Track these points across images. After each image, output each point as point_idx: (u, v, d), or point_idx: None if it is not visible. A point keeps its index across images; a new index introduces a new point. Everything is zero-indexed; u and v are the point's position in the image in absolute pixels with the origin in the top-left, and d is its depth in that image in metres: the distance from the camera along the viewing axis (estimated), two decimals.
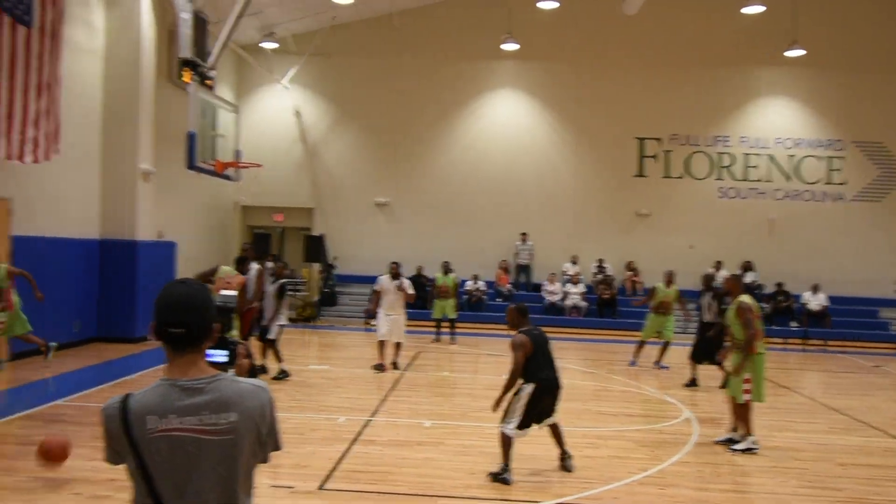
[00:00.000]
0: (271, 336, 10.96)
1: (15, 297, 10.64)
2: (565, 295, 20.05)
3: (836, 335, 18.92)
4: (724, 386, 9.22)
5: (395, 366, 12.24)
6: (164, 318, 2.15)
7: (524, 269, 21.06)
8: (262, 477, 2.34)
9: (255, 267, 10.62)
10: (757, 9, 17.58)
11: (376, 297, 12.19)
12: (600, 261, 20.59)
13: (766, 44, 20.26)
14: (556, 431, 7.00)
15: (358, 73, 21.38)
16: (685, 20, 20.84)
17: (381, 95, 21.33)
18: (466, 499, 5.98)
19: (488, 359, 14.53)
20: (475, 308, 19.74)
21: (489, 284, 20.48)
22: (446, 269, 16.66)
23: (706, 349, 11.62)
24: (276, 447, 2.30)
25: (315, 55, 20.69)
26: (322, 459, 6.76)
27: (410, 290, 12.13)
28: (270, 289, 11.08)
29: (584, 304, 19.83)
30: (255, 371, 9.93)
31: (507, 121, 21.47)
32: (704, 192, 21.12)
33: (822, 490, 6.65)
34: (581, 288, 20.06)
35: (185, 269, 16.47)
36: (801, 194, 20.89)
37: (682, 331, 15.22)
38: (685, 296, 19.44)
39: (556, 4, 18.48)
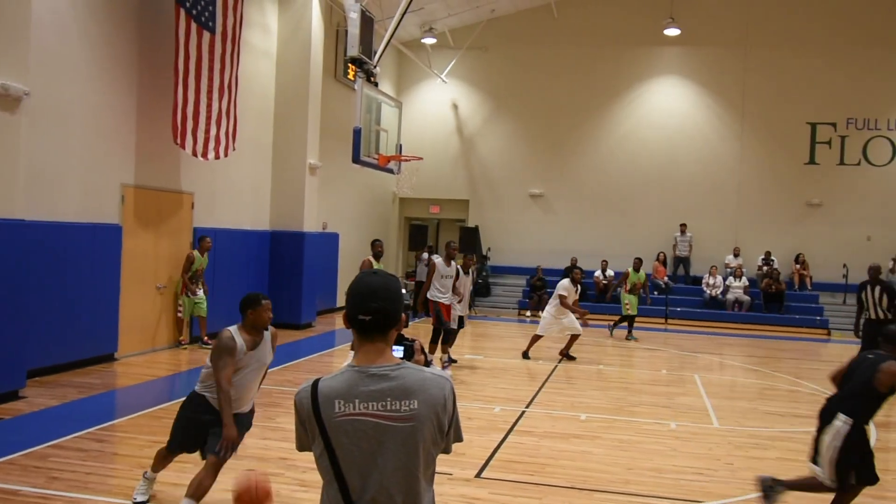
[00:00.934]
0: (457, 326, 11.24)
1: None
2: (727, 288, 19.23)
3: None
4: None
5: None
6: (356, 306, 2.22)
7: (683, 261, 20.40)
8: None
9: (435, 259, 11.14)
10: None
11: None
12: (767, 253, 19.58)
13: None
14: None
15: (514, 65, 21.48)
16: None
17: (537, 87, 21.33)
18: (625, 494, 5.94)
19: (644, 353, 14.25)
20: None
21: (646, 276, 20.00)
22: (637, 266, 15.75)
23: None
24: (458, 438, 2.34)
25: (472, 48, 20.99)
26: (479, 448, 6.92)
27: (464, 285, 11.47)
28: (467, 281, 11.38)
29: (746, 298, 18.94)
30: (429, 364, 10.31)
31: (667, 108, 20.82)
32: (884, 180, 19.53)
33: None
34: (744, 281, 19.18)
35: (346, 259, 17.27)
36: None
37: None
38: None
39: None
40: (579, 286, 12.34)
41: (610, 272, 19.64)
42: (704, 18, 20.05)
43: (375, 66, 11.68)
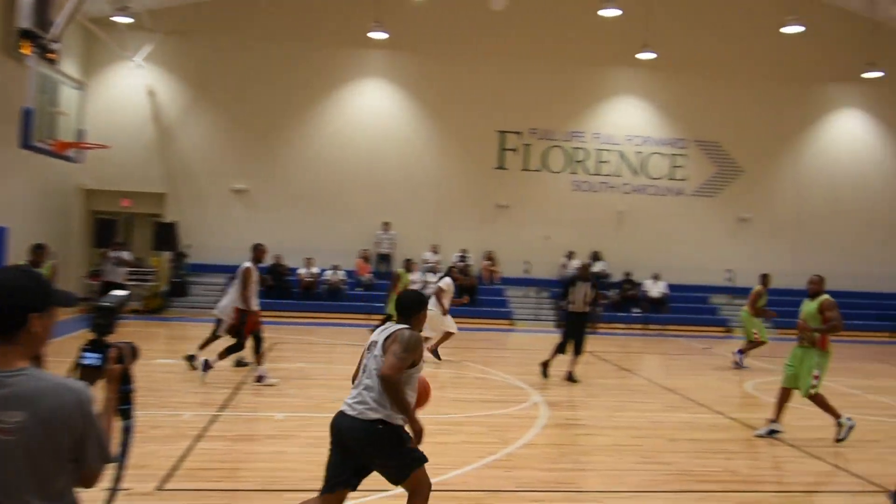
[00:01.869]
0: None
1: None
2: (425, 284, 20.25)
3: (674, 320, 20.28)
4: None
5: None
6: None
7: (385, 258, 21.11)
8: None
9: None
10: (613, 12, 18.38)
11: None
12: (463, 251, 20.96)
13: (620, 46, 21.26)
14: None
15: (218, 54, 20.62)
16: (548, 19, 21.58)
17: (242, 79, 20.70)
18: (315, 491, 5.92)
19: (345, 349, 14.47)
20: (334, 298, 19.59)
21: (349, 274, 20.39)
22: (408, 267, 15.76)
23: (580, 340, 11.51)
24: (103, 458, 2.13)
25: (172, 33, 19.80)
26: (163, 458, 6.47)
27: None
28: None
29: None
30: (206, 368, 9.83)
31: (372, 110, 21.40)
32: (560, 185, 21.96)
33: (654, 464, 7.10)
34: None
35: (19, 256, 15.31)
36: (646, 188, 22.16)
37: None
38: (544, 285, 20.27)
39: None
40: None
41: (341, 272, 19.78)
42: (410, 25, 20.91)
43: (53, 42, 10.51)
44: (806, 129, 22.76)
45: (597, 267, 20.91)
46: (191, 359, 10.75)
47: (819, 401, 8.17)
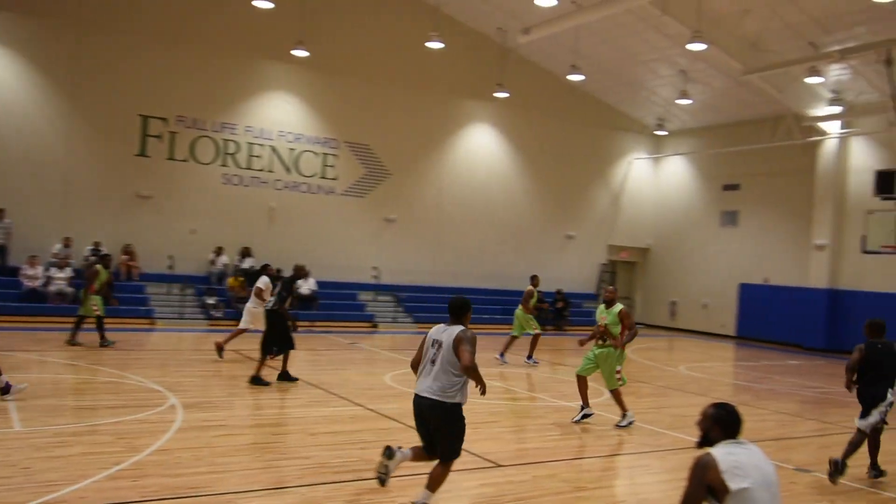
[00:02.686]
0: None
1: None
2: (48, 280, 18.05)
3: (323, 317, 20.66)
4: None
5: None
6: None
7: (0, 249, 18.37)
8: None
9: None
10: (266, 4, 18.06)
11: None
12: (96, 244, 18.99)
13: (275, 40, 21.01)
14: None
15: None
16: (202, 4, 20.56)
17: None
18: None
19: None
20: None
21: None
22: (107, 263, 14.18)
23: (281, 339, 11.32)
24: None
25: None
26: None
27: None
28: None
29: (70, 289, 18.02)
30: None
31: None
32: (209, 178, 21.06)
33: (293, 459, 7.06)
34: (69, 273, 18.25)
35: None
36: (298, 186, 22.25)
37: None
38: (190, 281, 19.33)
39: None
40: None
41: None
42: None
43: None
44: (447, 138, 24.75)
45: (246, 263, 20.49)
46: None
47: (617, 394, 9.41)
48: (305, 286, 20.95)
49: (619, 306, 9.65)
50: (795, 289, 23.23)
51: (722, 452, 3.74)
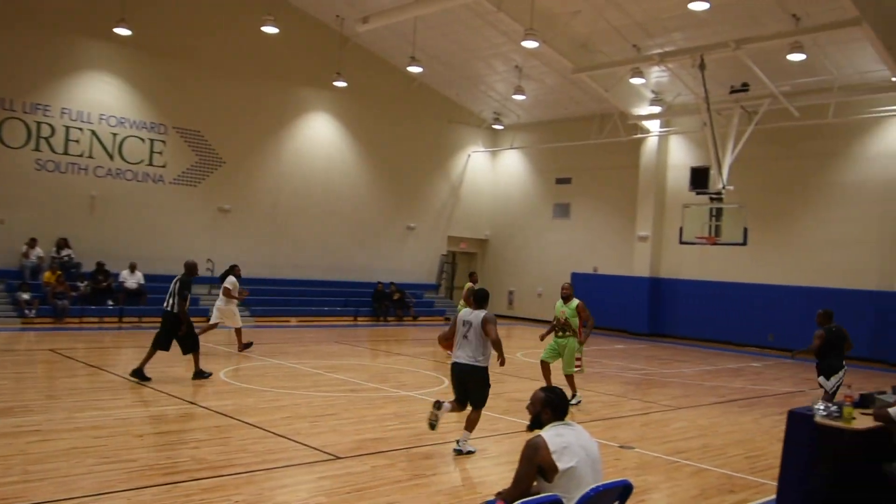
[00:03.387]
0: None
1: None
2: None
3: (152, 312, 19.45)
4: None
5: None
6: None
7: None
8: None
9: None
10: None
11: None
12: None
13: (94, 15, 19.62)
14: None
15: None
16: None
17: None
18: None
19: None
20: None
21: None
22: None
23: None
24: None
25: None
26: None
27: None
28: None
29: None
30: None
31: None
32: (20, 163, 19.27)
33: (117, 463, 6.58)
34: None
35: None
36: (123, 173, 20.86)
37: None
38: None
39: None
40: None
41: None
42: None
43: None
44: (285, 127, 24.07)
45: (64, 255, 19.00)
46: None
47: (571, 379, 10.77)
48: (132, 280, 19.79)
49: (575, 301, 10.77)
50: (621, 277, 24.70)
51: (551, 434, 3.97)
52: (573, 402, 10.55)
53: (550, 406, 4.14)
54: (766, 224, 21.15)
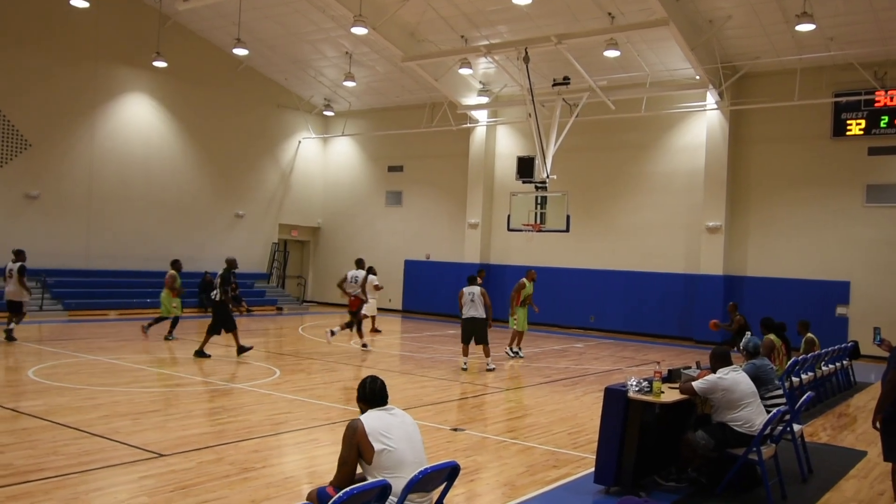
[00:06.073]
0: None
1: None
2: None
3: None
4: None
5: None
6: None
7: None
8: None
9: None
10: None
11: None
12: None
13: None
14: None
15: None
16: None
17: None
18: None
19: None
20: None
21: None
22: None
23: None
24: None
25: None
26: None
27: None
28: None
29: None
30: None
31: None
32: None
33: None
34: None
35: None
36: None
37: None
38: None
39: None
40: None
41: None
42: None
43: None
44: (98, 108, 22.41)
45: None
46: None
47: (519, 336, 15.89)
48: None
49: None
50: (453, 264, 25.24)
51: (370, 418, 4.22)
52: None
53: (363, 401, 4.42)
54: (587, 212, 22.42)
